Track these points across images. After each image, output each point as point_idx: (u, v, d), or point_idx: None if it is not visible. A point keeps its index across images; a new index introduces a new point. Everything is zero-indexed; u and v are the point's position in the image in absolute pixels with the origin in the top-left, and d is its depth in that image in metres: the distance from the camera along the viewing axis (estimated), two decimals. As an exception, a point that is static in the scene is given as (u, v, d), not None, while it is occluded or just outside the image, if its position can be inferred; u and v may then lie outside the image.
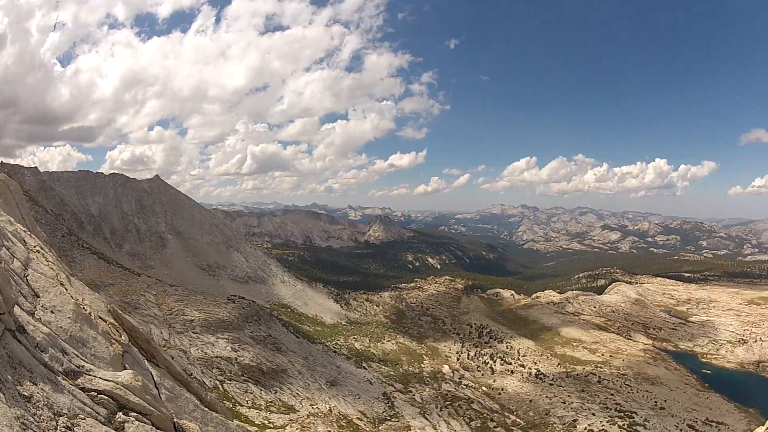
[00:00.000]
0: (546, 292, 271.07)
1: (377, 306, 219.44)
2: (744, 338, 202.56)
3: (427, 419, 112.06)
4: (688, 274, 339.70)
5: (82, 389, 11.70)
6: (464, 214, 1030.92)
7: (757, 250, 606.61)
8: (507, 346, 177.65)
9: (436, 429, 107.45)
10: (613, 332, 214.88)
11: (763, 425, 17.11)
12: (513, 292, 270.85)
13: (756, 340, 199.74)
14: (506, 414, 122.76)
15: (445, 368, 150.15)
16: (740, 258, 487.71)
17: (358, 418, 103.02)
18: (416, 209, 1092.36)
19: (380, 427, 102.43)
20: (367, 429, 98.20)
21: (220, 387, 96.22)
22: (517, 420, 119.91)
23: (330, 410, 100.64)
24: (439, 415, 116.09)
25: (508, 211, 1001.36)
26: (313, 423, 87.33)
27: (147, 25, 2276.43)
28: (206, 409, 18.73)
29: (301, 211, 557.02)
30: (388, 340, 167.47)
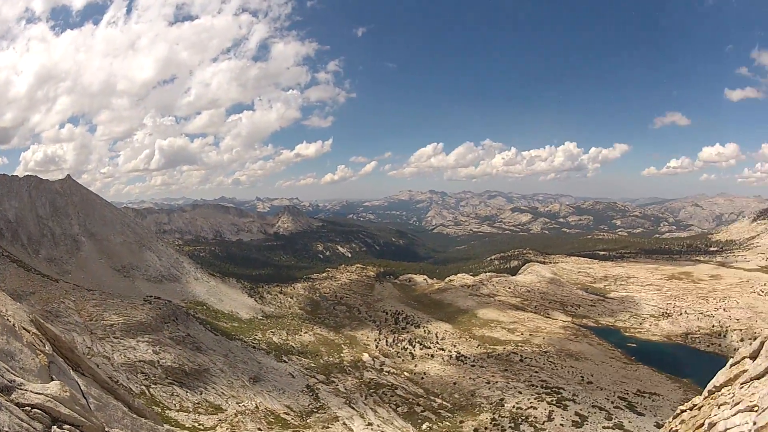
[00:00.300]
0: (459, 275, 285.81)
1: (291, 298, 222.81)
2: (668, 312, 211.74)
3: (353, 408, 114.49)
4: (603, 252, 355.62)
5: (17, 404, 11.89)
6: (372, 202, 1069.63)
7: (674, 227, 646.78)
8: (425, 331, 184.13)
9: (363, 417, 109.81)
10: (531, 311, 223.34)
11: (699, 394, 18.30)
12: (426, 276, 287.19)
13: (681, 313, 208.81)
14: (431, 398, 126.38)
15: (365, 356, 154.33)
16: (657, 236, 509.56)
17: (285, 413, 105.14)
18: (324, 198, 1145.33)
19: (308, 420, 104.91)
20: (296, 423, 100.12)
21: (147, 392, 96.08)
22: (444, 403, 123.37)
23: (257, 407, 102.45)
24: (365, 404, 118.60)
25: (416, 196, 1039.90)
26: (242, 421, 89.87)
27: (61, 18, 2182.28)
28: (135, 415, 19.48)
29: (210, 206, 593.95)
30: (306, 332, 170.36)
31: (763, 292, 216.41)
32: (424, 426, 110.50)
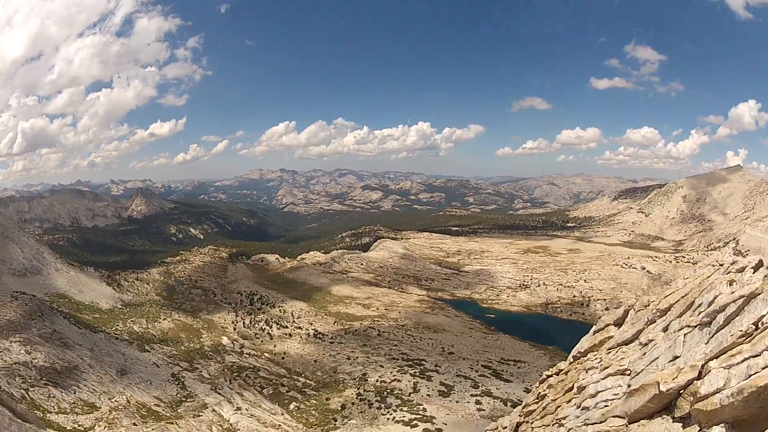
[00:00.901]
0: (311, 253, 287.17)
1: (148, 284, 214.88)
2: (525, 284, 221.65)
3: (220, 394, 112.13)
4: (456, 228, 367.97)
5: None
6: (223, 181, 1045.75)
7: (529, 204, 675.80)
8: (280, 310, 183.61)
9: (231, 403, 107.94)
10: (385, 287, 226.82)
11: (565, 360, 19.29)
12: (278, 256, 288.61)
13: (539, 285, 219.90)
14: (295, 377, 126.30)
15: (225, 340, 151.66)
16: (512, 212, 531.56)
17: (156, 405, 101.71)
18: (176, 179, 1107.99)
19: (179, 410, 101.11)
20: (168, 414, 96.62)
21: (27, 395, 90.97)
22: (308, 381, 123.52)
23: (128, 401, 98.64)
24: (231, 388, 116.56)
25: (267, 175, 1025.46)
26: (118, 418, 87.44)
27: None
28: (20, 421, 17.88)
29: (67, 191, 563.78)
30: (165, 319, 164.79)
31: (626, 264, 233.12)
32: (291, 406, 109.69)
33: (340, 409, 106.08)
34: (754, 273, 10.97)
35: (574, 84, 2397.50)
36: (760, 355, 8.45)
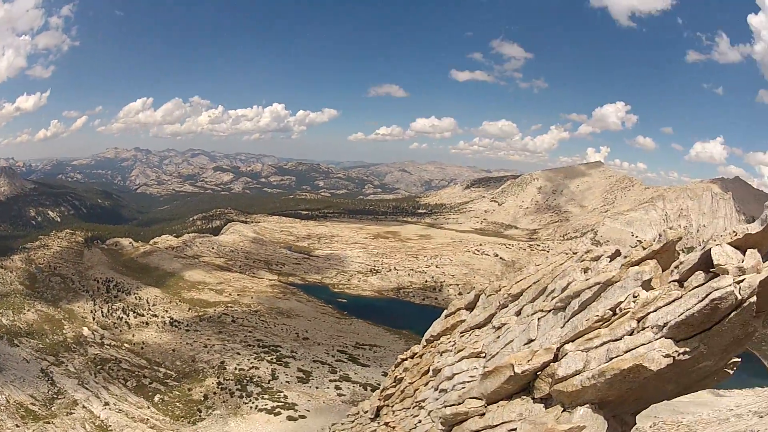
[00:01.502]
0: (163, 236, 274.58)
1: (12, 272, 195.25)
2: (376, 269, 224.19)
3: (87, 389, 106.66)
4: (306, 212, 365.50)
5: None
6: (80, 160, 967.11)
7: (380, 190, 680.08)
8: (136, 298, 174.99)
9: (99, 398, 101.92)
10: (237, 271, 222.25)
11: (419, 344, 19.47)
12: (131, 239, 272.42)
13: (390, 270, 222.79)
14: (155, 368, 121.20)
15: (85, 330, 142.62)
16: (362, 197, 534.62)
17: (32, 404, 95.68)
18: (37, 157, 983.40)
19: (52, 408, 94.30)
20: (44, 413, 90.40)
21: None
22: (168, 372, 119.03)
23: (7, 401, 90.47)
24: (97, 383, 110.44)
25: (122, 154, 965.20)
26: (2, 419, 76.65)
27: None
28: None
29: None
30: (29, 310, 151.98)
31: (479, 251, 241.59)
32: (156, 398, 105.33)
33: (203, 399, 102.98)
34: (610, 261, 11.27)
35: (434, 74, 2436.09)
36: (620, 339, 8.73)
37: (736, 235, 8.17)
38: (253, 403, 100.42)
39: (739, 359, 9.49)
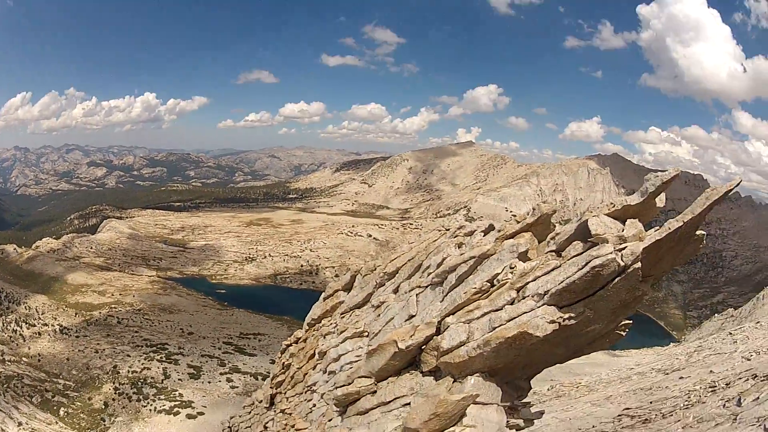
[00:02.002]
0: (44, 240, 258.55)
1: None
2: (251, 256, 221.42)
3: (1, 411, 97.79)
4: (178, 204, 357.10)
5: None
6: None
7: (250, 177, 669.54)
8: (26, 307, 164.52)
9: (12, 418, 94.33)
10: (117, 270, 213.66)
11: (301, 328, 19.16)
12: (15, 246, 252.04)
13: (266, 257, 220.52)
14: (54, 380, 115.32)
15: None
16: (232, 185, 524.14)
17: None
18: None
19: None
20: None
21: None
22: (67, 383, 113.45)
23: None
24: (6, 402, 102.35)
25: (2, 154, 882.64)
26: None
27: None
28: None
29: None
30: None
31: (352, 233, 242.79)
32: (61, 412, 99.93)
33: (104, 407, 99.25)
34: (484, 236, 11.30)
35: (304, 59, 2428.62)
36: (501, 309, 8.72)
37: (614, 206, 8.31)
38: (151, 405, 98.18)
39: (631, 321, 9.78)
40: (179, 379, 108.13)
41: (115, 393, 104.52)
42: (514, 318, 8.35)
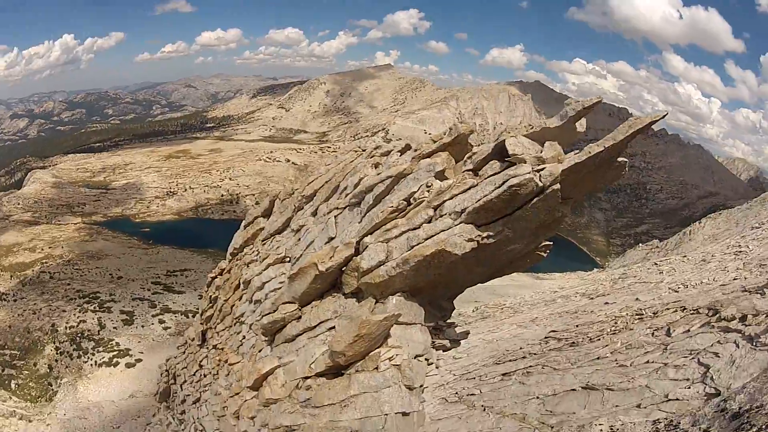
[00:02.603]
0: None
1: None
2: (172, 190, 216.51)
3: None
4: (98, 144, 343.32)
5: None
6: None
7: (168, 109, 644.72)
8: None
9: None
10: (44, 223, 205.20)
11: (225, 259, 18.99)
12: None
13: (186, 189, 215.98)
14: (0, 351, 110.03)
15: None
16: (150, 119, 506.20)
17: None
18: None
19: None
20: None
21: None
22: (13, 352, 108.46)
23: None
24: None
25: None
26: None
27: None
28: None
29: None
30: None
31: (270, 158, 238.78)
32: (12, 385, 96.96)
33: (49, 371, 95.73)
34: (401, 156, 11.29)
35: None
36: (419, 227, 8.84)
37: (532, 128, 8.39)
38: (91, 359, 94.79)
39: (551, 243, 10.05)
40: (114, 328, 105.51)
41: (57, 353, 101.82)
42: (432, 236, 8.48)
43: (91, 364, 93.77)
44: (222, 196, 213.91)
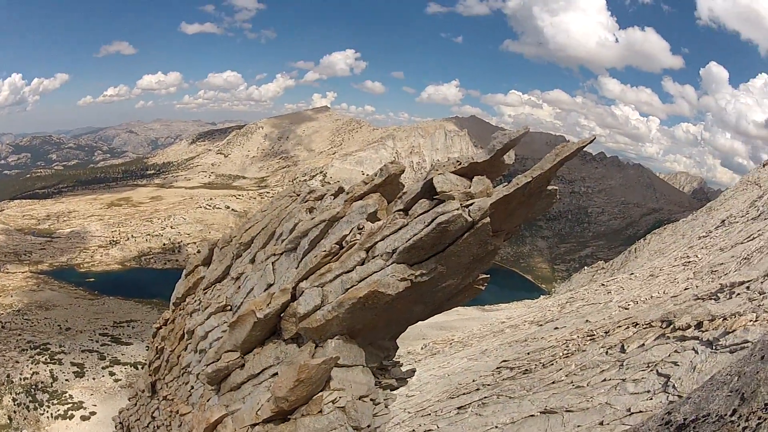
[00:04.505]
0: None
1: None
2: (115, 239, 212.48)
3: None
4: (42, 191, 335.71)
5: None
6: None
7: (109, 155, 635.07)
8: None
9: None
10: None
11: (168, 309, 18.81)
12: None
13: (128, 238, 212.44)
14: None
15: None
16: (92, 165, 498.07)
17: None
18: None
19: None
20: None
21: None
22: None
23: None
24: None
25: None
26: None
27: None
28: None
29: None
30: None
31: (210, 205, 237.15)
32: None
33: (9, 422, 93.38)
34: (334, 199, 11.40)
35: (163, 28, 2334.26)
36: (352, 270, 8.83)
37: (460, 164, 8.39)
38: (47, 411, 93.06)
39: (488, 276, 10.04)
40: (66, 380, 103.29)
41: (14, 404, 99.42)
42: (365, 278, 8.47)
43: (48, 417, 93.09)
44: (164, 244, 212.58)
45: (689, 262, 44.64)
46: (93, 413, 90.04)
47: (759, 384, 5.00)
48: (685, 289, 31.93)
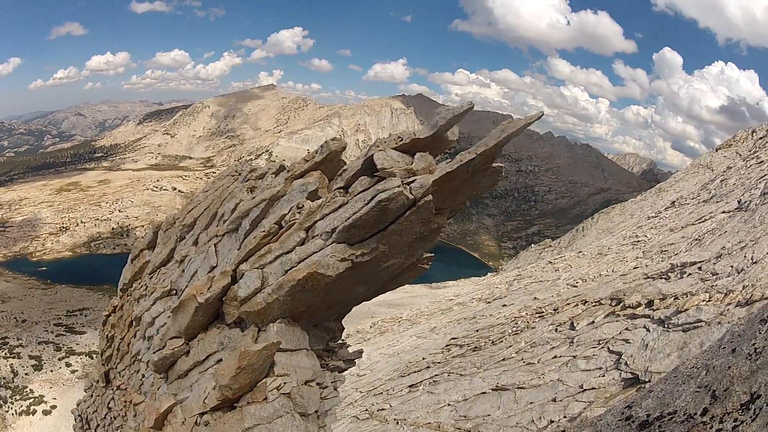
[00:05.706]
0: None
1: None
2: (65, 226, 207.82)
3: None
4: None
5: None
6: None
7: (58, 139, 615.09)
8: None
9: None
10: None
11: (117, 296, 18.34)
12: None
13: (78, 224, 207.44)
14: None
15: None
16: (42, 150, 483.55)
17: None
18: None
19: None
20: None
21: None
22: None
23: None
24: None
25: None
26: None
27: None
28: None
29: None
30: None
31: (157, 187, 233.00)
32: None
33: None
34: (275, 177, 11.06)
35: (114, 7, 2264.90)
36: (292, 251, 8.55)
37: (401, 140, 8.20)
38: (11, 408, 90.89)
39: (432, 255, 9.81)
40: (26, 374, 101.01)
41: None
42: (304, 259, 8.22)
43: (12, 413, 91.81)
44: (113, 229, 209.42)
45: (638, 241, 45.19)
46: (54, 407, 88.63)
47: (732, 381, 4.70)
48: (635, 268, 32.29)
